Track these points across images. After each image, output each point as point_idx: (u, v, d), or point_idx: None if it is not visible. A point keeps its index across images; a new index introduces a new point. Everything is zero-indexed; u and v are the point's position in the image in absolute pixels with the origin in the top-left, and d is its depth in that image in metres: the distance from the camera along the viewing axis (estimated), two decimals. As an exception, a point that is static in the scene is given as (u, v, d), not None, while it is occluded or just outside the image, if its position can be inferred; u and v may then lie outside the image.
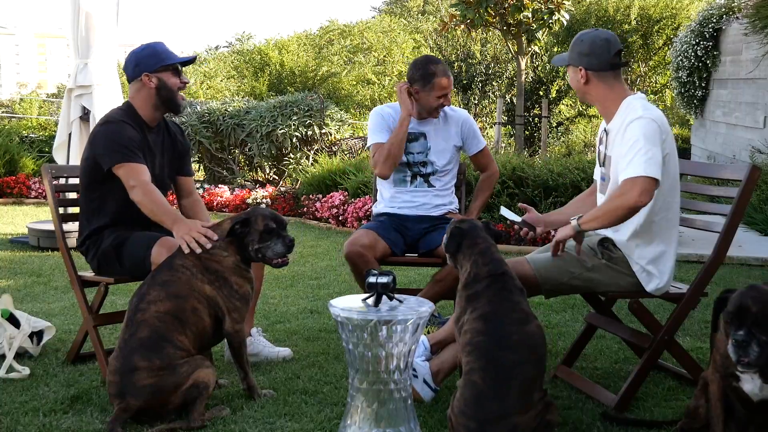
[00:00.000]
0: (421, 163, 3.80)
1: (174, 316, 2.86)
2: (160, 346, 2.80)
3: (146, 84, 3.30)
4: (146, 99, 3.32)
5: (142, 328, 2.84)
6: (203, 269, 2.96)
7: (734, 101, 9.87)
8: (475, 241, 2.69)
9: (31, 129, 12.22)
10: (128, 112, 3.34)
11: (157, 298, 2.89)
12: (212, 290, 2.95)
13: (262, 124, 10.01)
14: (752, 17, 8.32)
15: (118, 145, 3.20)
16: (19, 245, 6.52)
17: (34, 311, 4.18)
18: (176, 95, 3.33)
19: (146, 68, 3.29)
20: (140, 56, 3.33)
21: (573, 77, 3.01)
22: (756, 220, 6.87)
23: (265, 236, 3.01)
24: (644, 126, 2.78)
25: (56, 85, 21.78)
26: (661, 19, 14.70)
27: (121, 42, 3.66)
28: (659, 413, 2.87)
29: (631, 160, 2.75)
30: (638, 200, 2.70)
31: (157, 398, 2.74)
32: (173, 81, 3.32)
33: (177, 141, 3.50)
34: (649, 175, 2.71)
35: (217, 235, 3.03)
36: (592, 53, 2.92)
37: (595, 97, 2.98)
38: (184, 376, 2.76)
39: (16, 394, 3.09)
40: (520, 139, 10.73)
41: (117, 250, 3.27)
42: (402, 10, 29.93)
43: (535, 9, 9.73)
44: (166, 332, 2.83)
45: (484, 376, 2.41)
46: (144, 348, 2.79)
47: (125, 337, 2.85)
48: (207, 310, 2.94)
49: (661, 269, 2.92)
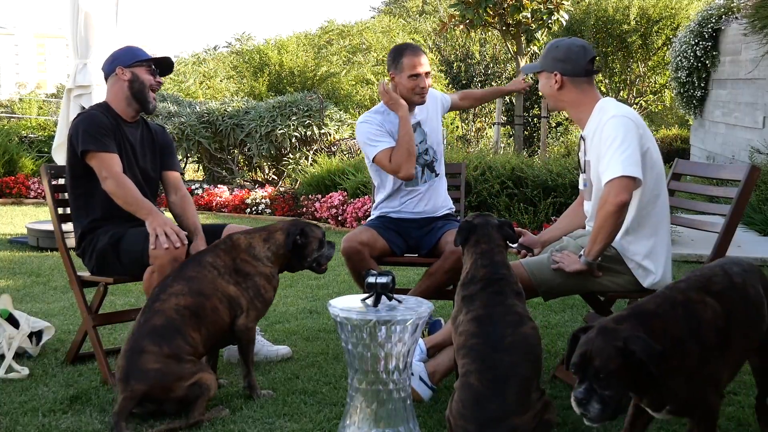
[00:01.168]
0: (424, 152, 3.79)
1: (192, 312, 2.90)
2: (171, 336, 2.83)
3: (119, 77, 3.40)
4: (119, 93, 3.41)
5: (158, 316, 2.87)
6: (233, 270, 3.03)
7: (733, 101, 9.88)
8: (481, 240, 2.69)
9: (31, 129, 12.21)
10: (103, 107, 3.44)
11: (179, 291, 2.92)
12: (237, 291, 3.01)
13: (261, 124, 10.01)
14: (751, 17, 8.32)
15: (89, 134, 3.26)
16: (19, 245, 6.52)
17: (33, 311, 4.18)
18: (147, 91, 3.40)
19: (121, 62, 3.42)
20: (117, 53, 3.48)
21: (545, 83, 3.02)
22: (755, 220, 6.87)
23: (321, 244, 3.15)
24: (618, 124, 2.80)
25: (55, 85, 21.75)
26: (661, 19, 14.70)
27: (121, 42, 3.69)
28: (658, 413, 2.86)
29: (608, 162, 2.78)
30: (616, 200, 2.71)
31: (160, 385, 2.75)
32: (146, 77, 3.41)
33: (158, 136, 3.54)
34: (626, 174, 2.73)
35: (259, 241, 3.09)
36: (567, 59, 2.95)
37: (568, 103, 3.00)
38: (189, 372, 2.79)
39: (15, 394, 3.09)
40: (519, 140, 10.73)
41: (114, 247, 3.27)
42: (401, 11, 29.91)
43: (535, 9, 9.72)
44: (181, 325, 2.86)
45: (480, 378, 2.41)
46: (155, 334, 2.82)
47: (140, 322, 2.89)
48: (227, 311, 2.99)
49: (656, 263, 2.93)
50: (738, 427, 2.76)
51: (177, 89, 16.31)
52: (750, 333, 2.29)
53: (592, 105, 2.96)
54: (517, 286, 2.64)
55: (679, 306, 2.17)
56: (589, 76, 2.98)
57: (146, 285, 3.18)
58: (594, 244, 2.81)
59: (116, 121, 3.39)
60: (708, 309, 2.17)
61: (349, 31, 19.77)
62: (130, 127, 3.43)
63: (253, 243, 3.10)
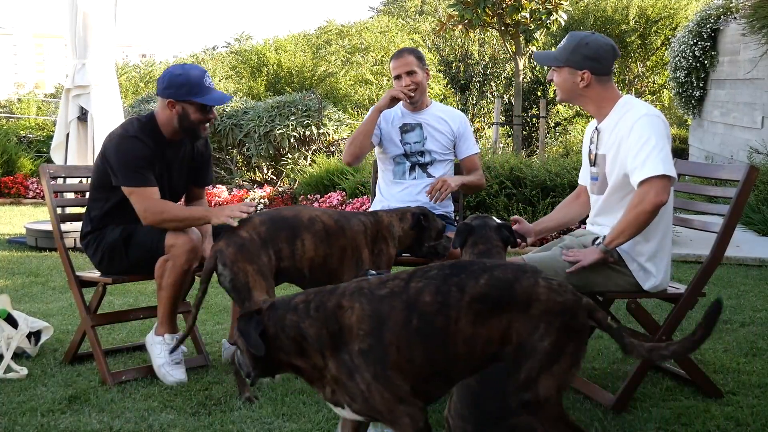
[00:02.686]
0: (419, 153, 3.82)
1: (327, 233, 3.08)
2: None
3: (170, 108, 3.28)
4: (168, 120, 3.31)
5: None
6: (373, 239, 3.19)
7: (732, 101, 9.88)
8: (479, 241, 2.69)
9: (29, 129, 12.19)
10: (148, 126, 3.31)
11: (325, 212, 3.16)
12: (369, 256, 3.15)
13: (259, 124, 10.00)
14: (750, 17, 8.33)
15: (128, 167, 3.21)
16: (17, 245, 6.51)
17: (31, 311, 4.18)
18: (198, 128, 3.31)
19: (174, 96, 3.25)
20: (174, 80, 3.25)
21: (567, 78, 2.94)
22: (754, 220, 6.88)
23: (439, 235, 3.28)
24: (653, 123, 2.80)
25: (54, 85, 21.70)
26: (659, 19, 14.71)
27: (119, 42, 3.61)
28: (657, 413, 2.86)
29: (644, 160, 2.75)
30: (657, 200, 2.71)
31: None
32: (196, 116, 3.28)
33: (197, 152, 3.47)
34: (665, 173, 2.73)
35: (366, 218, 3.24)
36: (600, 58, 2.90)
37: (591, 99, 2.97)
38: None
39: (14, 395, 3.08)
40: (517, 140, 10.73)
41: (126, 241, 3.28)
42: (399, 11, 29.89)
43: (533, 9, 9.72)
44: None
45: (478, 377, 2.40)
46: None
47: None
48: (352, 267, 3.12)
49: (658, 266, 2.93)
50: (737, 427, 2.76)
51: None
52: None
53: (614, 101, 2.94)
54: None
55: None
56: (611, 74, 2.98)
57: (158, 273, 3.21)
58: (618, 236, 2.79)
59: (158, 141, 3.30)
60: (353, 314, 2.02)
61: (348, 32, 19.76)
62: (172, 146, 3.35)
63: (392, 221, 3.25)
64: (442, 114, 3.88)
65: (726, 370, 3.35)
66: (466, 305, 1.99)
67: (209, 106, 3.29)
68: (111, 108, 6.09)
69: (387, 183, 3.90)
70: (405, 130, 3.82)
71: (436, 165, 3.84)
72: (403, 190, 3.82)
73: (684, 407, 2.92)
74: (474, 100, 13.75)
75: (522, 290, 2.01)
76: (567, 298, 2.04)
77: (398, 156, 3.83)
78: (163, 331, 3.28)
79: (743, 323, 4.15)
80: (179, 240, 3.13)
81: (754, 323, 4.15)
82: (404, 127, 3.82)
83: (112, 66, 6.37)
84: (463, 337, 2.00)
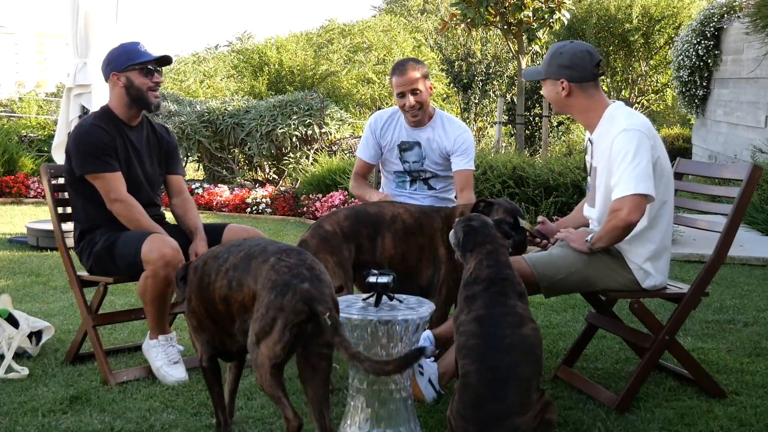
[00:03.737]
0: (419, 171, 3.78)
1: (406, 230, 3.16)
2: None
3: (116, 83, 3.33)
4: (119, 98, 3.36)
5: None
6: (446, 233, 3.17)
7: (735, 101, 9.86)
8: (485, 240, 2.68)
9: (30, 128, 12.19)
10: (104, 115, 3.37)
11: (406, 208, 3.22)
12: (445, 254, 3.12)
13: (261, 123, 9.99)
14: (753, 16, 8.30)
15: (87, 154, 3.23)
16: (18, 245, 6.51)
17: (32, 311, 4.17)
18: (145, 94, 3.33)
19: (115, 67, 3.33)
20: (112, 55, 3.37)
21: (551, 90, 3.00)
22: (757, 219, 6.86)
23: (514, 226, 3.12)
24: (629, 138, 2.80)
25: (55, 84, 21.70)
26: (663, 18, 14.67)
27: (121, 41, 3.59)
28: (660, 414, 2.85)
29: (619, 177, 2.79)
30: (627, 219, 2.77)
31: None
32: (141, 80, 3.32)
33: (163, 139, 3.50)
34: (638, 192, 2.75)
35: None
36: (573, 65, 2.92)
37: (576, 108, 2.99)
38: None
39: (15, 395, 3.07)
40: (520, 139, 10.70)
41: (109, 251, 3.27)
42: (402, 9, 29.85)
43: (536, 8, 9.69)
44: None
45: (480, 378, 2.40)
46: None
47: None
48: (430, 265, 3.15)
49: (656, 267, 2.93)
50: (740, 428, 2.75)
51: (177, 88, 16.29)
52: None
53: (601, 110, 2.94)
54: (520, 286, 2.62)
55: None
56: (596, 80, 2.96)
57: (140, 290, 3.20)
58: (599, 241, 2.88)
59: (118, 127, 3.34)
60: None
61: (350, 30, 19.73)
62: (134, 131, 3.39)
63: (465, 213, 3.15)
64: (442, 131, 3.73)
65: (729, 370, 3.34)
66: (223, 272, 2.46)
67: (152, 69, 3.34)
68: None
69: (390, 188, 3.87)
70: (403, 149, 3.75)
71: (439, 179, 3.79)
72: (404, 197, 3.78)
73: (687, 407, 2.91)
74: (476, 99, 13.74)
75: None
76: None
77: (399, 172, 3.80)
78: (156, 335, 3.28)
79: (747, 323, 4.13)
80: (153, 255, 3.09)
81: (757, 323, 4.14)
82: (402, 145, 3.75)
83: (114, 65, 6.35)
84: (219, 296, 2.46)
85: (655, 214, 2.90)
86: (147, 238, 3.15)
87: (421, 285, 3.17)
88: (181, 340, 3.62)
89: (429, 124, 3.73)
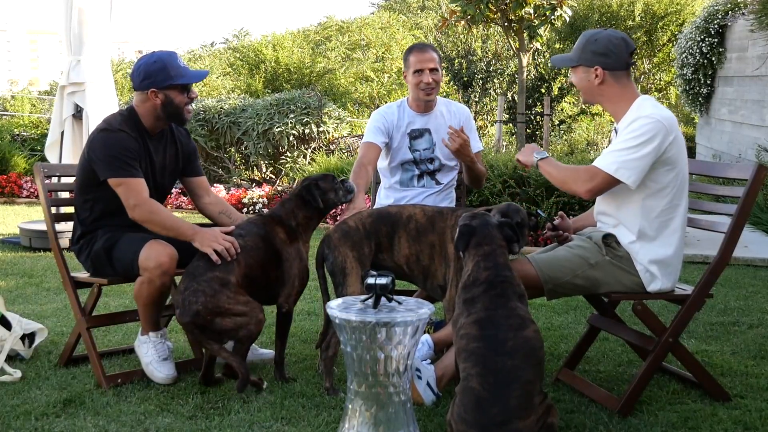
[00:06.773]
0: (429, 160, 3.78)
1: (419, 230, 3.16)
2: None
3: (152, 98, 3.23)
4: (150, 111, 3.26)
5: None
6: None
7: (740, 99, 9.80)
8: (482, 242, 2.63)
9: (23, 127, 12.13)
10: (129, 119, 3.27)
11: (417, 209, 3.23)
12: (453, 252, 3.08)
13: (258, 122, 9.92)
14: (758, 13, 8.24)
15: (115, 158, 3.15)
16: (11, 246, 6.46)
17: (25, 313, 4.14)
18: (182, 111, 3.27)
19: (154, 84, 3.20)
20: (150, 70, 3.21)
21: (582, 78, 2.94)
22: (762, 220, 6.81)
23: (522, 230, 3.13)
24: (644, 126, 2.77)
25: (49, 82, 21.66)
26: (666, 15, 14.63)
27: (115, 38, 3.55)
28: (664, 417, 2.82)
29: (610, 151, 2.81)
30: (583, 192, 2.83)
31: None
32: (180, 99, 3.24)
33: (182, 143, 3.43)
34: (613, 174, 2.76)
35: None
36: (609, 52, 2.88)
37: (607, 98, 2.94)
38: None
39: (8, 398, 3.04)
40: (521, 138, 10.65)
41: (107, 252, 3.23)
42: (401, 6, 29.78)
43: (537, 5, 9.64)
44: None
45: (482, 381, 2.37)
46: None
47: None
48: (439, 260, 3.14)
49: (663, 272, 2.90)
50: (744, 431, 2.71)
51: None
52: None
53: (631, 100, 2.90)
54: (519, 288, 2.58)
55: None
56: (628, 69, 2.93)
57: (136, 294, 3.17)
58: (549, 170, 2.93)
59: (142, 136, 3.26)
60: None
61: (348, 27, 19.68)
62: (153, 140, 3.31)
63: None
64: (447, 113, 3.81)
65: (734, 373, 3.30)
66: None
67: (190, 86, 3.28)
68: (106, 105, 6.01)
69: (390, 191, 3.83)
70: (414, 137, 3.77)
71: (444, 171, 3.79)
72: (404, 200, 3.74)
73: (691, 411, 2.88)
74: (477, 98, 13.68)
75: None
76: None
77: (407, 162, 3.77)
78: (147, 331, 3.25)
79: (751, 325, 4.09)
80: (150, 263, 3.06)
81: (762, 325, 4.10)
82: (413, 133, 3.77)
83: (108, 63, 6.31)
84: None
85: (666, 217, 2.86)
86: (146, 244, 3.11)
87: (440, 283, 3.14)
88: (175, 343, 3.58)
89: (435, 110, 3.81)
